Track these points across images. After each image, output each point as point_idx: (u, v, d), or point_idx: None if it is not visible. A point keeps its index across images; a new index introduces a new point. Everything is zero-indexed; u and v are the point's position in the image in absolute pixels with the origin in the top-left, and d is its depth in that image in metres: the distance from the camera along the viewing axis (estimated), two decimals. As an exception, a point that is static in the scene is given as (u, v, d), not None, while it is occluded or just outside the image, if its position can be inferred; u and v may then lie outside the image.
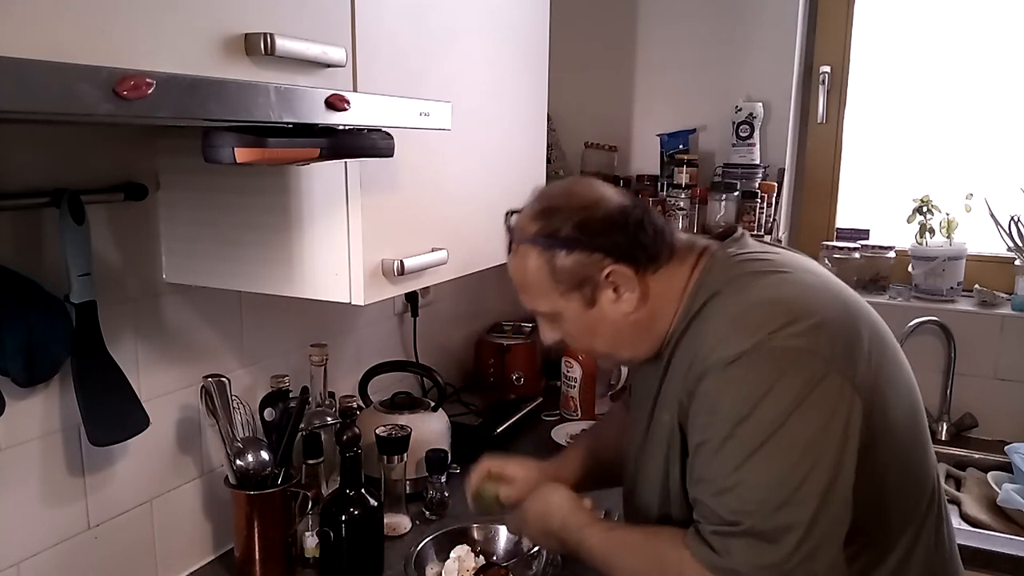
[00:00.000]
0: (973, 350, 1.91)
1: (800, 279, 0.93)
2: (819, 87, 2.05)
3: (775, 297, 0.90)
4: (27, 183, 1.00)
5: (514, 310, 2.27)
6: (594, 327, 1.00)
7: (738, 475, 0.85)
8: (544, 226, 0.97)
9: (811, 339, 0.85)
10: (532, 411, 1.93)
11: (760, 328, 0.85)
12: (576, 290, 0.97)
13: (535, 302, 1.02)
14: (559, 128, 2.13)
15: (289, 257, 1.09)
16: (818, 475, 0.82)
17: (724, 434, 0.85)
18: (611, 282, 0.96)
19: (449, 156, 1.24)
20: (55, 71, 0.54)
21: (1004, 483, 1.68)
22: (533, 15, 1.50)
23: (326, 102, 0.79)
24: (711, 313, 0.92)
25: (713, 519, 0.87)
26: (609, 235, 0.95)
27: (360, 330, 1.68)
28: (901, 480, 0.93)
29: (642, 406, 1.05)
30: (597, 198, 0.98)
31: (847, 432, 0.84)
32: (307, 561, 1.28)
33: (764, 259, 0.97)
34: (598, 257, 0.95)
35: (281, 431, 1.27)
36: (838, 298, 0.93)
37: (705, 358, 0.88)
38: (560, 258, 0.96)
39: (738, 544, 0.84)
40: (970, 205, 1.96)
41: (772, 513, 0.83)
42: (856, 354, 0.87)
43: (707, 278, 0.96)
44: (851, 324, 0.90)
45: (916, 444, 0.95)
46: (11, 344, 0.96)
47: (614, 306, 0.98)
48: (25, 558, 1.06)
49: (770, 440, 0.83)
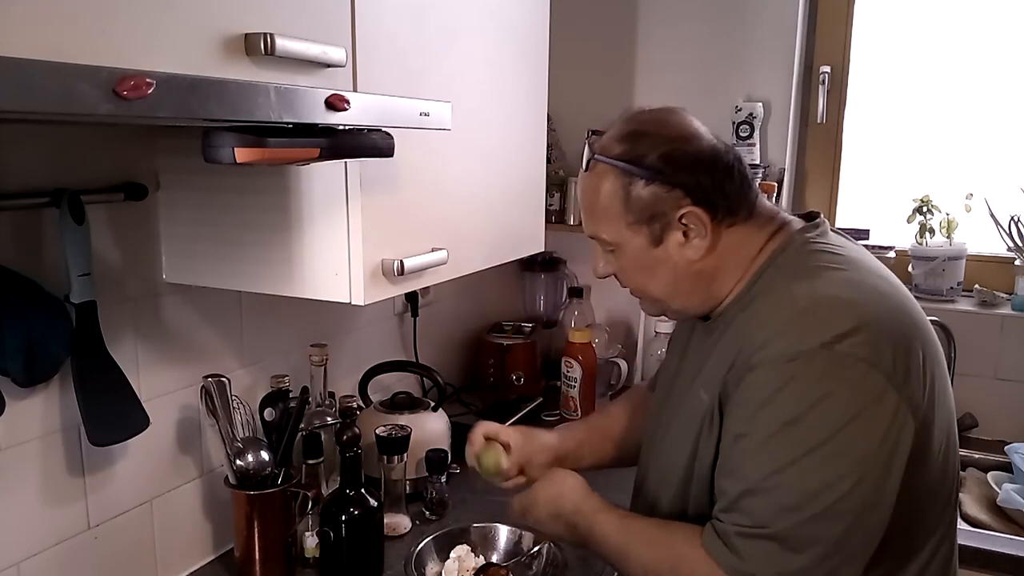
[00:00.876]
0: (973, 350, 1.91)
1: (873, 284, 0.89)
2: (819, 87, 2.05)
3: (846, 298, 0.86)
4: (27, 183, 1.00)
5: (514, 310, 2.28)
6: (653, 267, 0.96)
7: (778, 478, 0.82)
8: (629, 149, 0.93)
9: (875, 351, 0.81)
10: (532, 411, 1.93)
11: (826, 330, 0.82)
12: (645, 224, 0.93)
13: (598, 227, 0.98)
14: (559, 128, 2.13)
15: (289, 257, 1.09)
16: (859, 492, 0.80)
17: (770, 432, 0.82)
18: (684, 224, 0.92)
19: (449, 156, 1.24)
20: (55, 71, 0.54)
21: (1004, 483, 1.68)
22: (533, 15, 1.50)
23: (326, 102, 0.79)
24: (776, 299, 0.89)
25: (738, 517, 0.84)
26: (694, 173, 0.91)
27: (360, 330, 1.68)
28: (930, 497, 0.90)
29: (675, 381, 1.02)
30: (691, 133, 0.94)
31: (896, 453, 0.81)
32: (307, 561, 1.28)
33: (840, 254, 0.92)
34: (677, 194, 0.91)
35: (281, 431, 1.27)
36: (905, 311, 0.89)
37: (762, 346, 0.85)
38: (638, 187, 0.92)
39: (761, 548, 0.82)
40: (970, 205, 1.96)
41: (805, 522, 0.80)
42: (913, 372, 0.84)
43: (780, 258, 0.93)
44: (913, 340, 0.86)
45: (947, 462, 0.92)
46: (11, 344, 0.96)
47: (680, 250, 0.94)
48: (25, 558, 1.06)
49: (818, 448, 0.80)
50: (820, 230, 0.96)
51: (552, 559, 1.24)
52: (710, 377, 0.92)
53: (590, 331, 1.98)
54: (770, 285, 0.91)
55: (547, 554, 1.25)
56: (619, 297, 2.36)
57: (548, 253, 2.18)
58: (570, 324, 2.10)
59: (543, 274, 2.23)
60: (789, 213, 1.01)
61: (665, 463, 1.00)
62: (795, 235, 0.95)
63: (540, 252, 1.64)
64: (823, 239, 0.95)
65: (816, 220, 0.98)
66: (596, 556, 1.02)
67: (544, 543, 1.25)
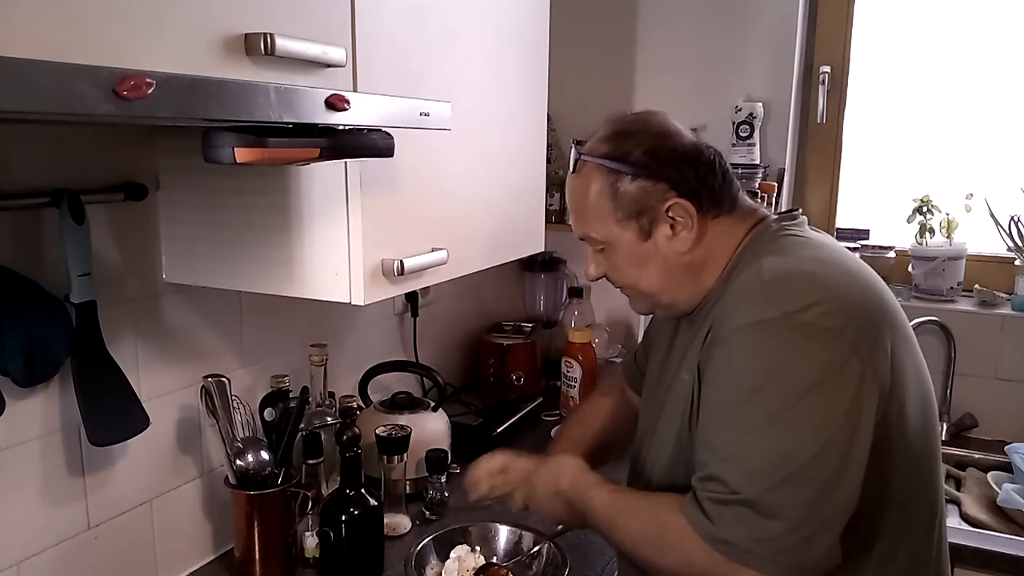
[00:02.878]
0: (973, 350, 1.91)
1: (840, 262, 0.93)
2: (819, 87, 2.05)
3: (812, 272, 0.89)
4: (27, 183, 1.00)
5: (514, 310, 2.28)
6: (644, 262, 0.99)
7: (747, 443, 0.84)
8: (614, 148, 0.97)
9: (839, 321, 0.84)
10: (532, 411, 1.93)
11: (791, 301, 0.84)
12: (634, 219, 0.96)
13: (588, 226, 1.01)
14: (559, 128, 2.13)
15: (289, 257, 1.09)
16: (826, 458, 0.81)
17: (737, 399, 0.85)
18: (671, 217, 0.95)
19: (449, 156, 1.24)
20: (55, 71, 0.54)
21: (1004, 483, 1.68)
22: (533, 15, 1.50)
23: (326, 102, 0.79)
24: (745, 276, 0.91)
25: (713, 485, 0.85)
26: (678, 167, 0.95)
27: (360, 330, 1.68)
28: (905, 484, 0.91)
29: (663, 369, 1.04)
30: (673, 130, 0.98)
31: (860, 421, 0.83)
32: (307, 561, 1.28)
33: (811, 239, 0.96)
34: (663, 187, 0.95)
35: (281, 431, 1.27)
36: (873, 291, 0.92)
37: (728, 318, 0.87)
38: (624, 183, 0.95)
39: (735, 514, 0.83)
40: (970, 205, 1.96)
41: (775, 487, 0.82)
42: (879, 347, 0.86)
43: (753, 244, 0.96)
44: (879, 317, 0.89)
45: (925, 453, 0.94)
46: (11, 344, 0.96)
47: (669, 243, 0.97)
48: (25, 558, 1.06)
49: (784, 413, 0.82)
50: (796, 221, 1.00)
51: (552, 559, 1.24)
52: (691, 357, 0.96)
53: (590, 331, 1.98)
54: (743, 265, 0.94)
55: (547, 554, 1.25)
56: (619, 297, 2.33)
57: (548, 253, 2.18)
58: (570, 324, 2.10)
59: (543, 274, 2.23)
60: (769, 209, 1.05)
61: (657, 446, 1.02)
62: (772, 223, 0.99)
63: (540, 252, 1.64)
64: (798, 228, 0.98)
65: (794, 213, 1.02)
66: (595, 532, 1.04)
67: (544, 543, 1.25)
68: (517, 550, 1.29)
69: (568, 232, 2.06)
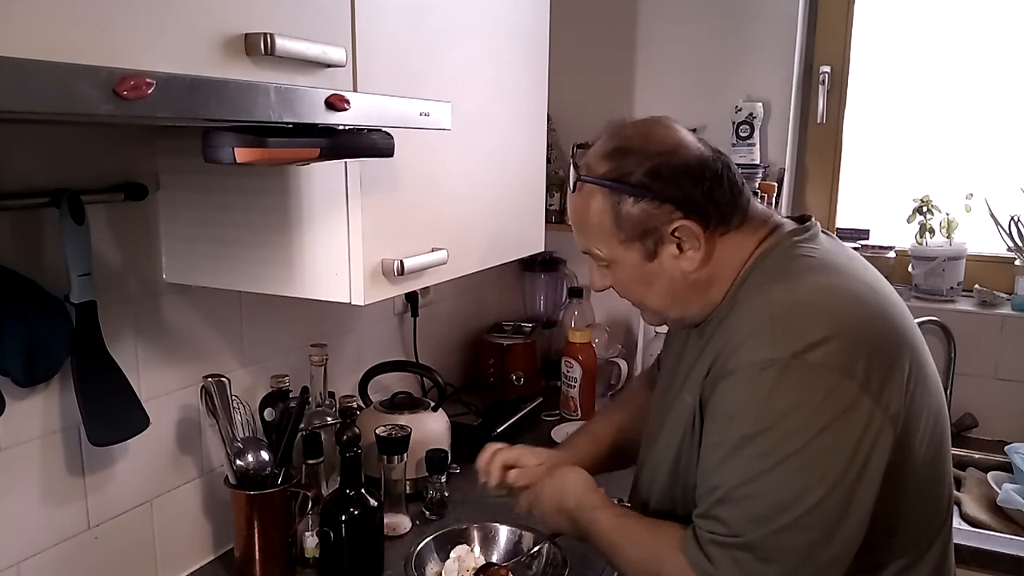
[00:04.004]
0: (973, 350, 1.91)
1: (855, 290, 0.88)
2: (819, 87, 2.05)
3: (822, 305, 0.85)
4: (27, 183, 1.00)
5: (514, 310, 2.28)
6: (649, 280, 0.96)
7: (749, 487, 0.82)
8: (614, 168, 0.92)
9: (848, 359, 0.80)
10: (532, 411, 1.93)
11: (799, 338, 0.81)
12: (638, 240, 0.93)
13: (591, 244, 0.97)
14: (559, 128, 2.13)
15: (289, 257, 1.09)
16: (830, 503, 0.79)
17: (741, 440, 0.82)
18: (677, 237, 0.91)
19: (449, 156, 1.24)
20: (55, 71, 0.54)
21: (1004, 483, 1.68)
22: (533, 15, 1.50)
23: (326, 102, 0.79)
24: (755, 303, 0.88)
25: (713, 525, 0.84)
26: (682, 186, 0.90)
27: (360, 330, 1.68)
28: (916, 508, 0.89)
29: (671, 381, 1.02)
30: (676, 144, 0.92)
31: (869, 462, 0.80)
32: (307, 561, 1.28)
33: (825, 259, 0.92)
34: (668, 209, 0.90)
35: (281, 431, 1.27)
36: (888, 318, 0.87)
37: (736, 351, 0.84)
38: (627, 205, 0.91)
39: (733, 557, 0.82)
40: (970, 205, 1.96)
41: (776, 532, 0.80)
42: (893, 380, 0.82)
43: (765, 262, 0.92)
44: (895, 348, 0.85)
45: (937, 476, 0.91)
46: (11, 344, 0.96)
47: (675, 262, 0.93)
48: (25, 558, 1.06)
49: (789, 458, 0.80)
50: (810, 233, 0.95)
51: (552, 559, 1.24)
52: (694, 380, 0.93)
53: (590, 331, 1.98)
54: (753, 288, 0.91)
55: (547, 554, 1.25)
56: (619, 298, 2.37)
57: (548, 253, 2.18)
58: (570, 324, 2.10)
59: (543, 274, 2.23)
60: (783, 215, 1.00)
61: (655, 463, 1.01)
62: (783, 238, 0.94)
63: (540, 252, 1.64)
64: (811, 243, 0.94)
65: (807, 223, 0.98)
66: (596, 550, 1.03)
67: (544, 543, 1.25)
68: (517, 550, 1.29)
69: (568, 232, 2.06)
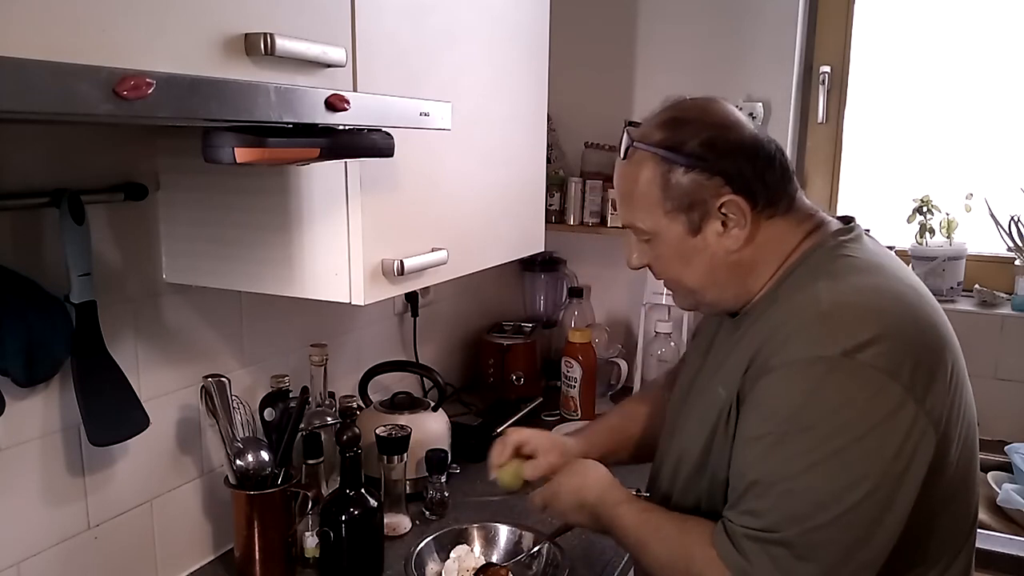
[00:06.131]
0: (973, 350, 1.87)
1: (900, 292, 0.88)
2: (819, 87, 2.05)
3: (870, 306, 0.85)
4: (27, 183, 1.00)
5: (514, 310, 2.28)
6: (689, 257, 0.94)
7: (789, 483, 0.81)
8: (669, 136, 0.91)
9: (895, 362, 0.80)
10: (532, 411, 1.93)
11: (847, 337, 0.80)
12: (684, 212, 0.92)
13: (635, 216, 0.96)
14: (559, 128, 2.13)
15: (289, 257, 1.09)
16: (870, 504, 0.79)
17: (783, 437, 0.82)
18: (723, 213, 0.91)
19: (449, 156, 1.24)
20: (55, 71, 0.54)
21: (1004, 483, 1.67)
22: (533, 15, 1.50)
23: (326, 102, 0.79)
24: (801, 299, 0.87)
25: (749, 520, 0.83)
26: (736, 161, 0.90)
27: (360, 330, 1.68)
28: (949, 511, 0.89)
29: (697, 375, 1.01)
30: (733, 121, 0.93)
31: (911, 466, 0.80)
32: (307, 561, 1.28)
33: (871, 260, 0.92)
34: (718, 182, 0.89)
35: (281, 431, 1.27)
36: (932, 322, 0.88)
37: (782, 348, 0.84)
38: (677, 174, 0.90)
39: (769, 552, 0.81)
40: (970, 205, 1.96)
41: (815, 529, 0.80)
42: (937, 385, 0.83)
43: (811, 258, 0.91)
44: (939, 352, 0.85)
45: (967, 482, 0.91)
46: (11, 344, 0.96)
47: (718, 239, 0.92)
48: (25, 558, 1.06)
49: (831, 457, 0.79)
50: (854, 234, 0.95)
51: (552, 559, 1.24)
52: (730, 373, 0.92)
53: (590, 331, 1.98)
54: (798, 284, 0.90)
55: (547, 554, 1.25)
56: (619, 297, 2.37)
57: (548, 253, 2.18)
58: (570, 324, 2.10)
59: (543, 274, 2.23)
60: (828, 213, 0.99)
61: (680, 456, 1.00)
62: (829, 236, 0.94)
63: (540, 252, 1.64)
64: (856, 243, 0.94)
65: (852, 224, 0.97)
66: (619, 545, 1.03)
67: (544, 543, 1.25)
68: (517, 550, 1.29)
69: (568, 232, 2.09)
